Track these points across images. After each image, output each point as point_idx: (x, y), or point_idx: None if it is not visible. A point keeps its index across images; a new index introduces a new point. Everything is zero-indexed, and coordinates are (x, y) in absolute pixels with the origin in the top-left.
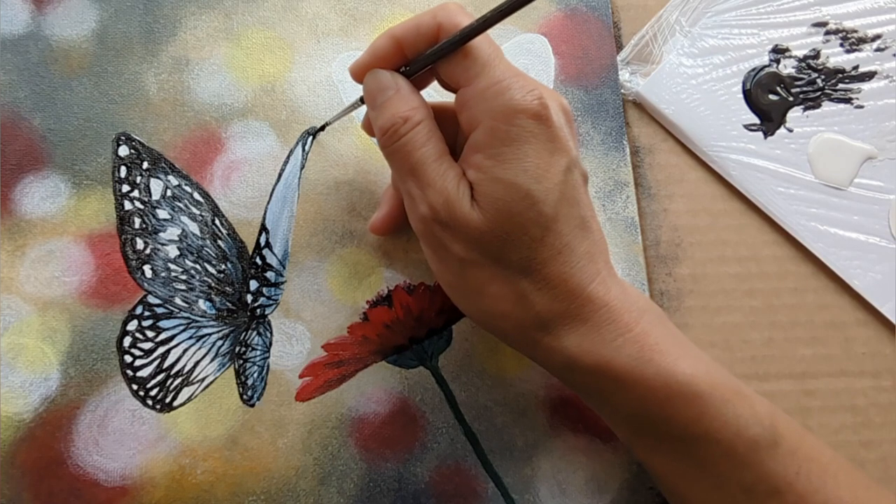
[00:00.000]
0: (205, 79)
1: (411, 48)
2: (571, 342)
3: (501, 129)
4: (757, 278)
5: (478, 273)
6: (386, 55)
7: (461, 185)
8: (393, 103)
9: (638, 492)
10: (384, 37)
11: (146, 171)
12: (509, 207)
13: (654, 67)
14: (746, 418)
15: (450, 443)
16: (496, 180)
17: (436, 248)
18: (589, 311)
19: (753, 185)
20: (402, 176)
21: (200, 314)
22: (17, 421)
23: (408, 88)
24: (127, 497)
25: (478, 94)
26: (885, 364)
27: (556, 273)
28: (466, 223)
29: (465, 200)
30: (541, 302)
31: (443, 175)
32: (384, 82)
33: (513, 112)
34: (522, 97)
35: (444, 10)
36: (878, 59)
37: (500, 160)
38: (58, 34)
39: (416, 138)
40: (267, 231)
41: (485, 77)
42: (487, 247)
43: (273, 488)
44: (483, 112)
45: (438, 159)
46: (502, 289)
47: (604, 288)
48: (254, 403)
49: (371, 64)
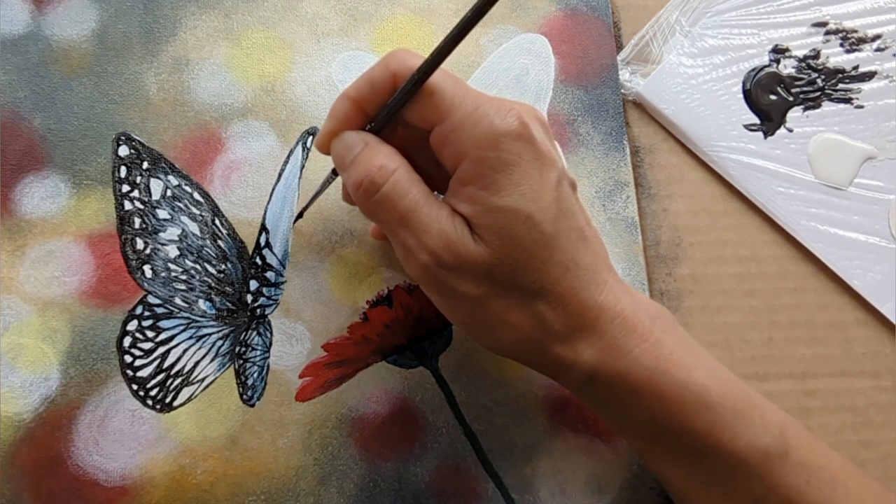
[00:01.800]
0: (205, 79)
1: (370, 104)
2: (591, 356)
3: (489, 156)
4: (757, 278)
5: (493, 306)
6: (346, 118)
7: (457, 223)
8: (364, 156)
9: (638, 492)
10: (339, 100)
11: (146, 171)
12: (513, 234)
13: (654, 67)
14: (757, 429)
15: (450, 443)
16: (495, 210)
17: (443, 292)
18: (604, 322)
19: (753, 185)
20: (392, 228)
21: (200, 314)
22: (17, 421)
23: (376, 141)
24: (127, 497)
25: (456, 127)
26: (885, 364)
27: (567, 289)
28: (473, 260)
29: (467, 237)
30: (558, 320)
31: (436, 217)
32: (350, 141)
33: (496, 138)
34: (502, 120)
35: (394, 57)
36: (878, 59)
37: (494, 189)
38: (58, 34)
39: (398, 187)
40: (267, 231)
41: (458, 109)
42: (499, 278)
43: (273, 488)
44: (466, 143)
45: (427, 203)
46: (520, 316)
47: (613, 297)
48: (254, 403)
49: (334, 130)
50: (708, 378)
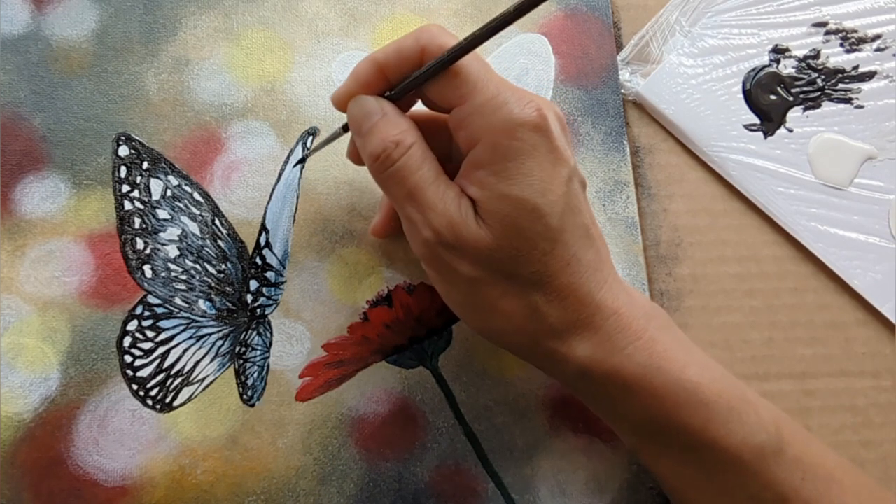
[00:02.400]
0: (205, 79)
1: (394, 72)
2: (584, 351)
3: (503, 144)
4: (757, 278)
5: (488, 291)
6: (368, 81)
7: (463, 205)
8: (381, 128)
9: (638, 492)
10: (366, 62)
11: (146, 171)
12: (517, 223)
13: (654, 67)
14: (752, 425)
15: (450, 443)
16: (502, 197)
17: (442, 270)
18: (600, 319)
19: (753, 185)
20: (400, 201)
21: (200, 314)
22: (17, 421)
23: (394, 112)
24: (127, 497)
25: (474, 110)
26: (885, 364)
27: (566, 284)
28: (474, 242)
29: (470, 219)
30: (553, 314)
31: (443, 197)
32: (369, 107)
33: (513, 126)
34: (521, 110)
35: (426, 32)
36: (878, 59)
37: (504, 176)
38: (58, 34)
39: (411, 162)
40: (267, 231)
41: (479, 93)
42: (497, 264)
43: (273, 488)
44: (482, 128)
45: (436, 181)
46: (514, 304)
47: (612, 295)
48: (254, 403)
49: (353, 91)
50: (702, 376)
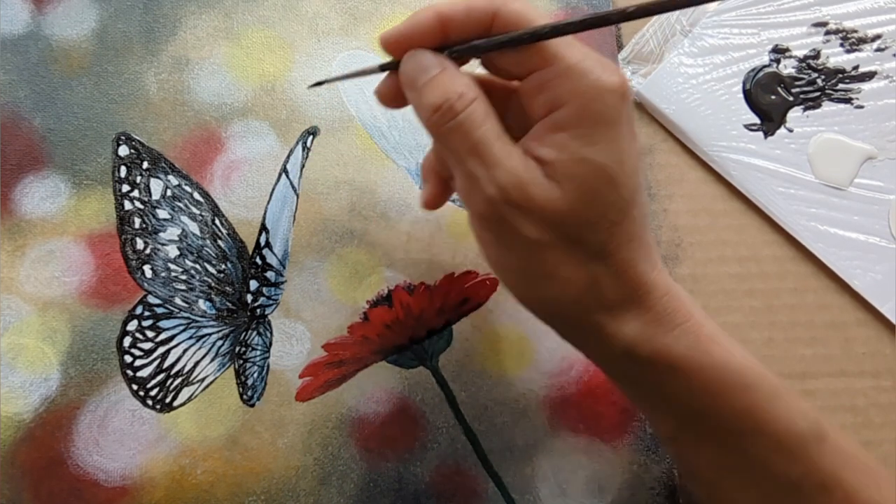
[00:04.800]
0: (205, 78)
1: (457, 31)
2: (633, 330)
3: (593, 107)
4: (757, 278)
5: (549, 256)
6: (426, 32)
7: (530, 164)
8: (442, 80)
9: (638, 492)
10: (429, 12)
11: (146, 171)
12: (594, 189)
13: (655, 67)
14: (795, 411)
15: (450, 443)
16: (583, 161)
17: (501, 231)
18: (653, 298)
19: (753, 185)
20: (461, 156)
21: (200, 314)
22: (17, 421)
23: (454, 68)
24: (127, 497)
25: (561, 73)
26: (885, 364)
27: (626, 259)
28: (544, 202)
29: (541, 179)
30: (611, 287)
31: (509, 154)
32: (427, 62)
33: (603, 92)
34: (609, 77)
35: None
36: (878, 59)
37: (588, 140)
38: (58, 34)
39: (475, 116)
40: (267, 231)
41: (565, 58)
42: (566, 228)
43: (273, 488)
44: (569, 91)
45: (500, 138)
46: (575, 272)
47: (663, 277)
48: (254, 403)
49: (409, 37)
50: (746, 360)
